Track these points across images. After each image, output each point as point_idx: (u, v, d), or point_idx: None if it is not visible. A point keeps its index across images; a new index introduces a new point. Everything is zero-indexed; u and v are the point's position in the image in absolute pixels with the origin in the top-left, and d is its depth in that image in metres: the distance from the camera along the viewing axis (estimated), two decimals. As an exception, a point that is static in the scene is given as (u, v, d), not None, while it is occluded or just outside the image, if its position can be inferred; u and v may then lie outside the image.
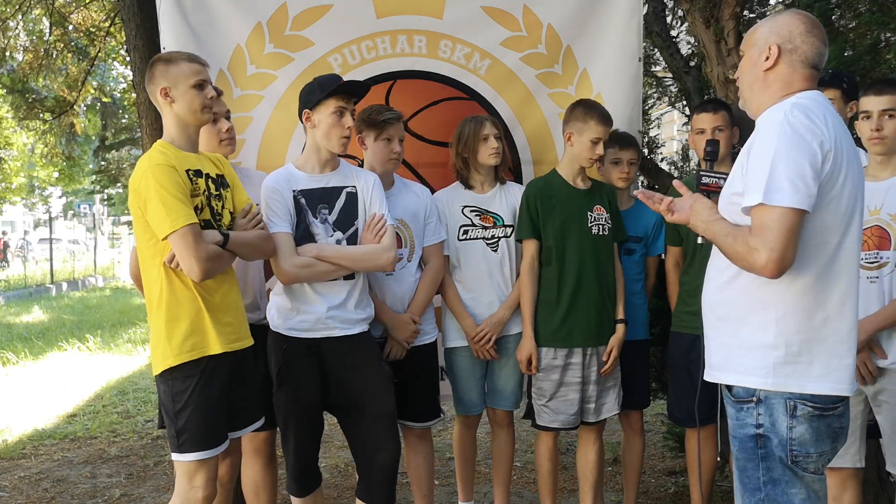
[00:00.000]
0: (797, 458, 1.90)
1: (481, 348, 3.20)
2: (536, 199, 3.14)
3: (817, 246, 1.87)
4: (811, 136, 1.83)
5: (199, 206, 2.46)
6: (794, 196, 1.78)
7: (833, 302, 1.90)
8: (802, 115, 1.85)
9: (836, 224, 1.88)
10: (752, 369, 1.93)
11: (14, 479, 4.53)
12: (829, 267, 1.89)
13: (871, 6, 3.91)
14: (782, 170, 1.79)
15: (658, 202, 2.17)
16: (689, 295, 3.15)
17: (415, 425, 3.14)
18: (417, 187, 3.20)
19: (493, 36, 3.50)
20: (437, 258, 3.15)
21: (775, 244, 1.78)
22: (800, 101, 1.91)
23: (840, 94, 2.82)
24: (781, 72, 1.98)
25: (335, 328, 2.75)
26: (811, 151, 1.81)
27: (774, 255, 1.78)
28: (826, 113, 1.91)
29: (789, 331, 1.90)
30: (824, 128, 1.86)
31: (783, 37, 1.98)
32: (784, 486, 1.91)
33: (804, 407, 1.89)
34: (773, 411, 1.91)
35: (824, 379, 1.89)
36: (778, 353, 1.90)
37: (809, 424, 1.89)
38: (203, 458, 2.44)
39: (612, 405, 3.19)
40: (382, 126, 2.99)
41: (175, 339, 2.41)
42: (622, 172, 3.29)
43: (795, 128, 1.83)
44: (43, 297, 15.96)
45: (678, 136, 8.74)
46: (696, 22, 3.74)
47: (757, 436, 1.93)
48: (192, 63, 2.51)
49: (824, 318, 1.90)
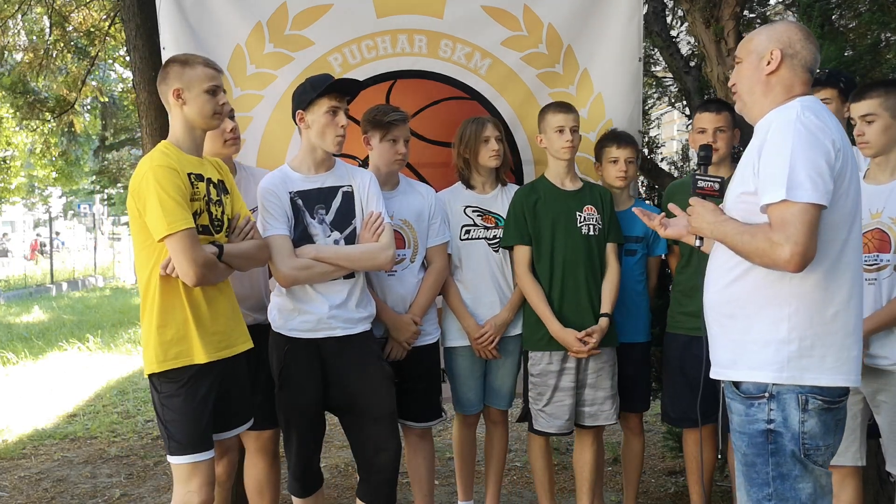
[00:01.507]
0: (809, 451, 1.96)
1: (484, 349, 3.20)
2: (522, 203, 3.15)
3: (827, 242, 1.93)
4: (823, 136, 1.91)
5: (199, 210, 2.45)
6: (814, 192, 1.85)
7: (842, 296, 1.96)
8: (813, 116, 1.94)
9: (843, 221, 1.96)
10: (765, 364, 1.98)
11: (14, 479, 4.53)
12: (837, 262, 1.96)
13: (871, 6, 3.91)
14: (801, 167, 1.86)
15: (651, 219, 2.36)
16: (684, 295, 3.15)
17: (415, 425, 3.14)
18: (423, 187, 3.20)
19: (494, 35, 3.50)
20: (441, 259, 3.14)
21: (799, 238, 1.84)
22: (806, 104, 1.99)
23: (837, 94, 2.82)
24: (784, 76, 2.05)
25: (337, 328, 2.75)
26: (825, 150, 1.89)
27: (799, 248, 1.84)
28: (828, 115, 2.00)
29: (802, 325, 1.95)
30: (833, 128, 1.94)
31: (784, 42, 2.05)
32: (793, 480, 1.96)
33: (815, 401, 1.95)
34: (785, 406, 1.96)
35: (837, 371, 1.96)
36: (792, 348, 1.95)
37: (819, 418, 1.96)
38: (196, 461, 2.44)
39: (609, 414, 3.19)
40: (388, 127, 2.99)
41: (162, 345, 2.42)
42: (620, 171, 3.28)
43: (809, 127, 1.91)
44: (43, 297, 15.96)
45: (678, 136, 8.74)
46: (696, 22, 3.74)
47: (767, 431, 1.97)
48: (208, 68, 2.50)
49: (835, 313, 1.96)
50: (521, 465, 4.51)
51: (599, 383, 3.15)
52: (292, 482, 2.89)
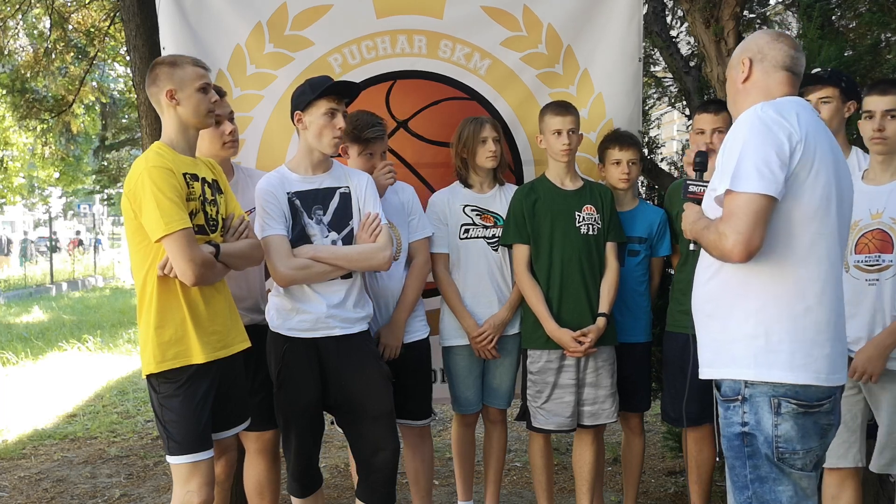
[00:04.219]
0: (783, 455, 1.92)
1: (483, 349, 3.20)
2: (521, 203, 3.16)
3: (791, 236, 1.91)
4: (778, 128, 1.89)
5: (194, 210, 2.45)
6: (759, 182, 1.85)
7: (812, 291, 1.93)
8: (772, 110, 1.93)
9: (809, 214, 1.92)
10: (737, 360, 1.96)
11: (14, 479, 4.53)
12: (805, 257, 1.92)
13: (872, 6, 3.91)
14: (749, 158, 1.87)
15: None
16: (682, 294, 3.16)
17: (413, 423, 3.14)
18: (398, 185, 3.17)
19: (494, 36, 3.50)
20: (423, 254, 3.14)
21: (741, 227, 1.84)
22: (773, 101, 1.98)
23: (838, 93, 2.82)
24: (757, 79, 2.07)
25: (335, 328, 2.75)
26: (778, 141, 1.88)
27: (741, 237, 1.84)
28: (800, 111, 1.96)
29: (770, 320, 1.93)
30: (795, 122, 1.91)
31: (752, 50, 2.09)
32: (771, 483, 1.93)
33: (788, 405, 1.90)
34: (757, 409, 1.93)
35: (805, 369, 1.91)
36: (759, 343, 1.93)
37: (794, 421, 1.91)
38: (195, 461, 2.44)
39: (609, 413, 3.18)
40: (366, 143, 3.02)
41: (160, 345, 2.41)
42: (622, 173, 3.27)
43: (763, 120, 1.91)
44: (43, 297, 15.95)
45: (678, 136, 8.73)
46: (696, 22, 3.74)
47: (743, 434, 1.95)
48: (197, 67, 2.51)
49: (805, 308, 1.92)
50: (520, 465, 4.51)
51: (600, 382, 3.15)
52: (291, 482, 2.89)
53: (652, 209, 3.42)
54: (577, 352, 3.06)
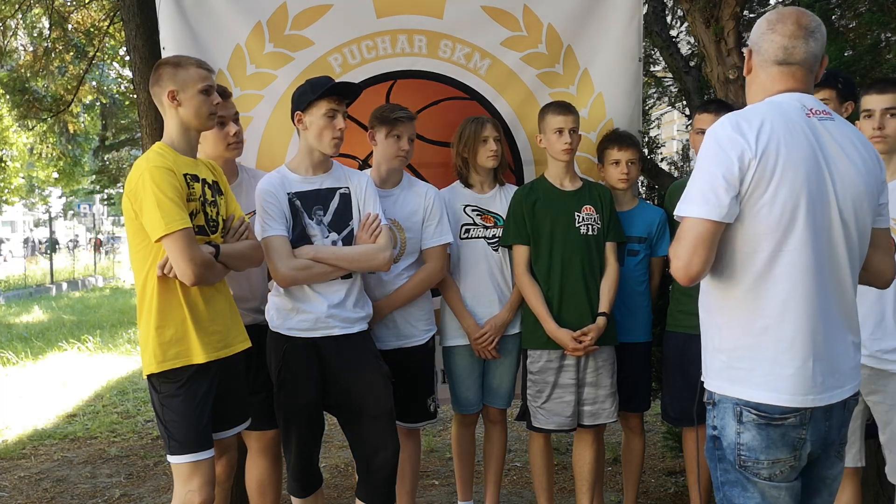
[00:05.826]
0: (745, 463, 1.90)
1: (483, 349, 3.20)
2: (521, 203, 3.16)
3: (749, 254, 1.86)
4: (731, 147, 1.82)
5: (195, 211, 2.45)
6: (702, 207, 1.82)
7: (772, 310, 1.85)
8: (729, 125, 1.85)
9: (768, 231, 1.83)
10: (710, 371, 1.98)
11: (14, 479, 4.53)
12: (764, 275, 1.85)
13: (871, 6, 3.91)
14: (696, 183, 1.86)
15: None
16: (682, 293, 3.15)
17: (404, 425, 3.15)
18: (423, 188, 3.16)
19: (494, 36, 3.50)
20: (434, 262, 3.11)
21: (682, 253, 1.85)
22: (747, 109, 1.92)
23: (835, 95, 2.81)
24: (757, 75, 1.99)
25: (335, 327, 2.75)
26: (727, 163, 1.82)
27: (681, 262, 1.85)
28: (772, 119, 1.84)
29: (733, 336, 1.91)
30: (753, 136, 1.82)
31: (753, 39, 1.98)
32: (739, 488, 1.92)
33: (749, 414, 1.88)
34: (724, 415, 1.93)
35: (765, 388, 1.86)
36: (723, 358, 1.93)
37: (758, 431, 1.87)
38: (196, 461, 2.44)
39: (609, 413, 3.18)
40: (394, 123, 3.01)
41: (160, 345, 2.41)
42: (622, 173, 3.27)
43: (717, 139, 1.86)
44: (43, 297, 15.96)
45: (678, 136, 8.74)
46: (696, 22, 3.74)
47: (714, 437, 1.96)
48: (201, 69, 2.51)
49: (764, 327, 1.86)
50: (520, 465, 4.51)
51: (600, 381, 3.15)
52: (291, 482, 2.89)
53: (651, 209, 3.43)
54: (576, 351, 3.07)
